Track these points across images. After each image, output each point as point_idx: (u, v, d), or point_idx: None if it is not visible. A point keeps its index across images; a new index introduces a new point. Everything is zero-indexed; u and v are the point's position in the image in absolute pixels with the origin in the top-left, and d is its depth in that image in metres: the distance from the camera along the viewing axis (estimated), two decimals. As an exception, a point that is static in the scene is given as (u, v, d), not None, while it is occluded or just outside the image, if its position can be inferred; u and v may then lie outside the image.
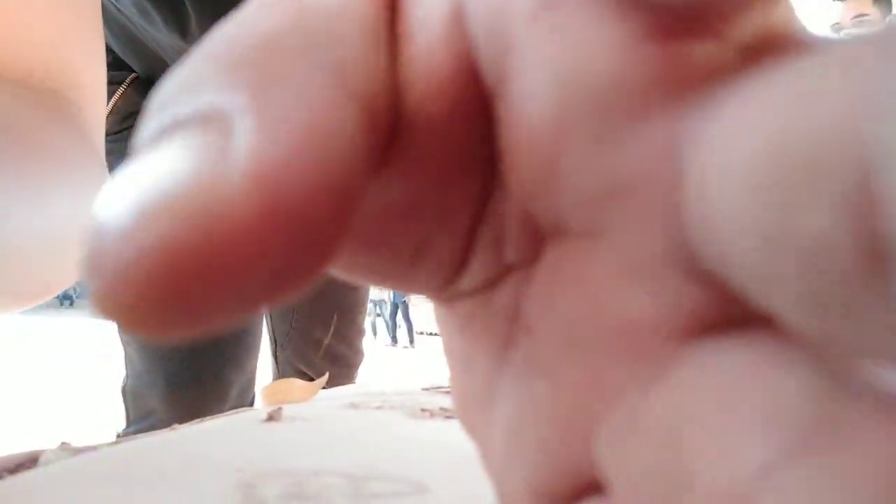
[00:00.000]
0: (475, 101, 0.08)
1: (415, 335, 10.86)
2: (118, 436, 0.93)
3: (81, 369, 5.48)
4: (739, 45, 0.07)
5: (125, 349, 0.92)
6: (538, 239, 0.09)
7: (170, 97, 0.07)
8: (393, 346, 10.70)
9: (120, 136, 0.88)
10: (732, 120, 0.06)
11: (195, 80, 0.07)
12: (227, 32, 0.07)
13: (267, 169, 0.06)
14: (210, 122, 0.06)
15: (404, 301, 10.77)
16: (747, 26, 0.07)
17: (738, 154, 0.06)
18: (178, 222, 0.06)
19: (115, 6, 0.77)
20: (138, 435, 0.33)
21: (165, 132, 0.06)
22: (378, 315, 11.86)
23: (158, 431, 0.33)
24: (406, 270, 0.10)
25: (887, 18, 2.19)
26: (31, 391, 4.34)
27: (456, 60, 0.08)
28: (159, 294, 0.06)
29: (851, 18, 2.14)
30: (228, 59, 0.07)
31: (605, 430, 0.08)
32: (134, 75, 0.88)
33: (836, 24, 2.17)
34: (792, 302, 0.06)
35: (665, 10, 0.07)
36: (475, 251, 0.09)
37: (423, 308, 13.27)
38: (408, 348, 10.34)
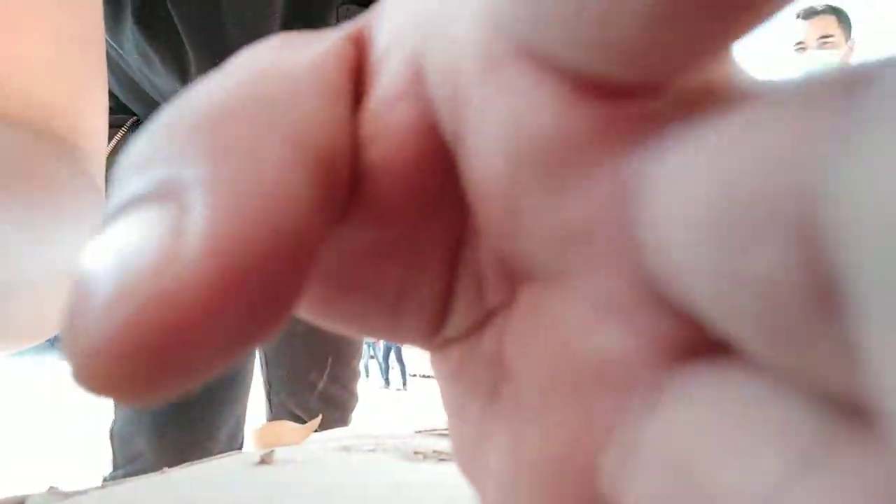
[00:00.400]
0: (437, 154, 0.08)
1: (408, 377, 10.77)
2: (104, 480, 0.91)
3: (69, 411, 5.38)
4: (678, 96, 0.07)
5: None
6: (513, 282, 0.09)
7: (130, 169, 0.07)
8: (385, 388, 10.59)
9: (111, 177, 0.89)
10: (679, 166, 0.06)
11: (153, 151, 0.07)
12: (186, 101, 0.08)
13: (219, 243, 0.06)
14: (166, 195, 0.06)
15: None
16: (685, 82, 0.07)
17: (686, 198, 0.06)
18: (142, 302, 0.06)
19: (116, 50, 0.78)
20: (128, 479, 0.33)
21: (125, 207, 0.07)
22: (371, 357, 11.77)
23: (148, 475, 0.33)
24: (391, 318, 0.10)
25: (850, 41, 2.20)
26: (18, 433, 4.26)
27: (415, 117, 0.08)
28: (130, 368, 0.06)
29: (817, 39, 2.15)
30: (185, 129, 0.07)
31: (607, 464, 0.08)
32: (134, 118, 0.89)
33: (800, 43, 2.17)
34: (749, 332, 0.06)
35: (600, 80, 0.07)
36: (456, 296, 0.10)
37: (416, 350, 13.14)
38: (401, 390, 10.23)
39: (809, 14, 2.19)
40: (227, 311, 0.06)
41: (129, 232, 0.06)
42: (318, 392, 1.11)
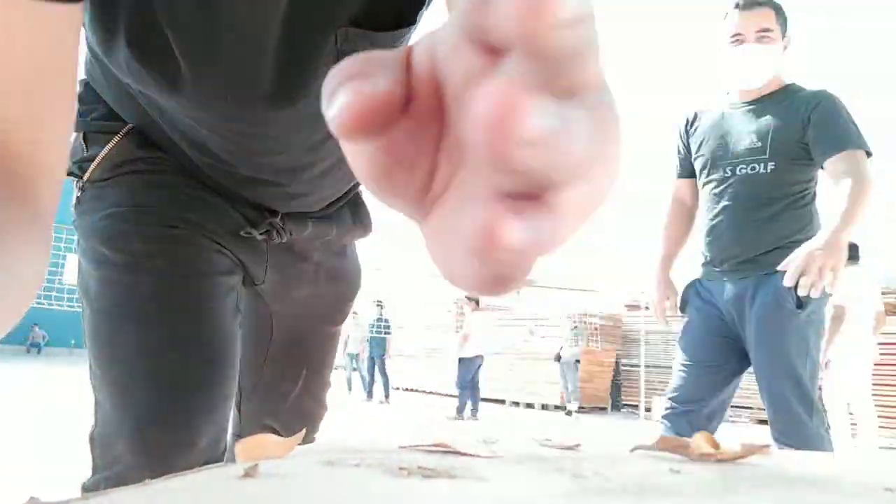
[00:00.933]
0: (437, 101, 0.21)
1: (391, 390, 10.71)
2: (84, 485, 0.89)
3: (48, 417, 5.31)
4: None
5: (96, 395, 0.89)
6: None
7: None
8: (368, 401, 10.53)
9: (108, 183, 0.89)
10: None
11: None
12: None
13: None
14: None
15: (382, 356, 10.65)
16: None
17: None
18: None
19: (107, 63, 0.78)
20: (109, 490, 0.33)
21: None
22: (354, 369, 11.70)
23: (130, 487, 0.33)
24: (407, 180, 0.21)
25: (786, 37, 2.20)
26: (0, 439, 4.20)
27: (429, 78, 0.21)
28: None
29: (755, 32, 2.14)
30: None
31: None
32: (129, 126, 0.89)
33: (738, 35, 2.16)
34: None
35: None
36: (438, 169, 0.21)
37: (399, 364, 13.13)
38: (384, 403, 10.17)
39: (749, 6, 2.15)
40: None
41: None
42: (289, 403, 1.11)
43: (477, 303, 9.40)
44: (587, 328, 10.95)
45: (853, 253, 5.12)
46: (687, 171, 2.44)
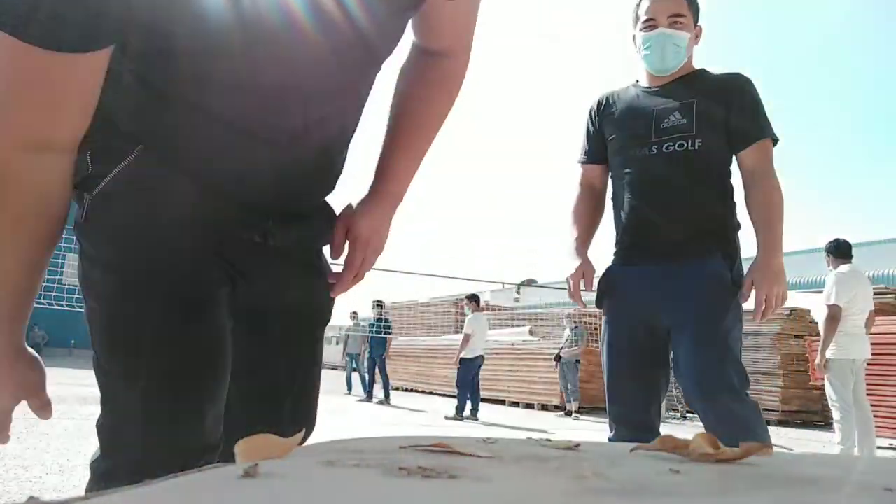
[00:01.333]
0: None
1: (390, 390, 10.72)
2: (91, 465, 0.95)
3: (61, 410, 5.31)
4: None
5: (102, 388, 0.96)
6: None
7: None
8: (367, 401, 10.53)
9: (116, 197, 0.99)
10: None
11: None
12: None
13: None
14: None
15: (382, 356, 10.65)
16: None
17: None
18: None
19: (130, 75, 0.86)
20: (109, 491, 0.33)
21: None
22: (354, 369, 11.70)
23: (129, 487, 0.33)
24: None
25: (697, 25, 2.18)
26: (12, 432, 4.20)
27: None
28: None
29: (668, 17, 2.10)
30: None
31: None
32: (141, 147, 0.95)
33: (651, 20, 2.11)
34: None
35: None
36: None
37: (398, 364, 13.12)
38: (383, 404, 10.18)
39: None
40: None
41: None
42: (280, 407, 1.14)
43: (477, 303, 9.41)
44: (587, 328, 10.96)
45: (846, 251, 5.11)
46: (597, 157, 2.25)
